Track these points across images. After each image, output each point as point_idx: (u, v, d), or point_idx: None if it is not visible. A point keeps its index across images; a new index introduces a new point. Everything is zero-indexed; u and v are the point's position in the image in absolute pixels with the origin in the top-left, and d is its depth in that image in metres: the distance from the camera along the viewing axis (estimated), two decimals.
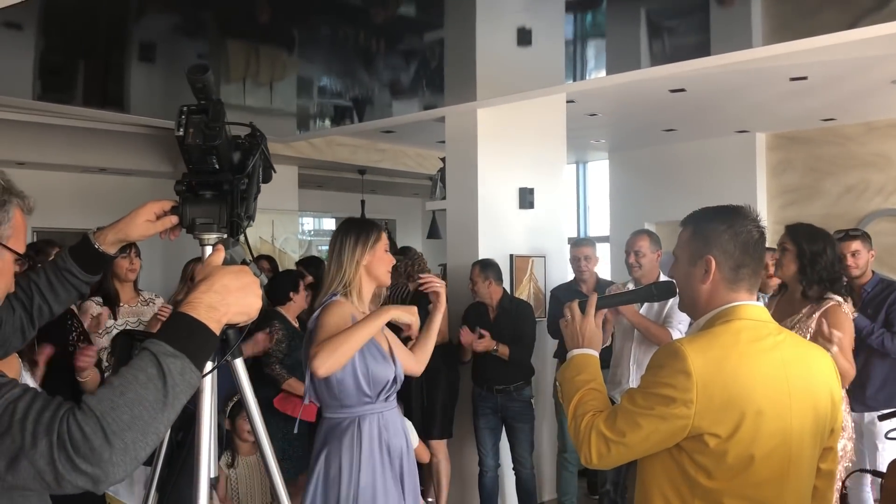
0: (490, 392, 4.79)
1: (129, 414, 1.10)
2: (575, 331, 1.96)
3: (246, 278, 1.34)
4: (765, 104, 6.43)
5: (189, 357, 1.18)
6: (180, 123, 1.59)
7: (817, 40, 4.06)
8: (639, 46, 4.55)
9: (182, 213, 1.66)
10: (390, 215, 11.86)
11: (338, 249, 2.72)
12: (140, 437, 1.11)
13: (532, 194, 5.55)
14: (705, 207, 1.88)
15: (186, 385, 1.17)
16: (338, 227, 2.83)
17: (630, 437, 1.68)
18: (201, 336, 1.22)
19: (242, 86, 5.43)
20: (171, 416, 1.15)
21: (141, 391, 1.12)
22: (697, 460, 1.67)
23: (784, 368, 1.71)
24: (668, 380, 1.66)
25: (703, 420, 1.63)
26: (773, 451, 1.67)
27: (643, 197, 8.50)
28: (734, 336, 1.72)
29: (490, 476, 4.88)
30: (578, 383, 1.86)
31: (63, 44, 4.46)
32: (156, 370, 1.14)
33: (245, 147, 1.68)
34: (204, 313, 1.24)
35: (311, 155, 7.72)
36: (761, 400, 1.65)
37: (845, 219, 6.88)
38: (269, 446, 1.78)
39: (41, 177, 7.91)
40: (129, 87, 5.28)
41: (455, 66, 4.84)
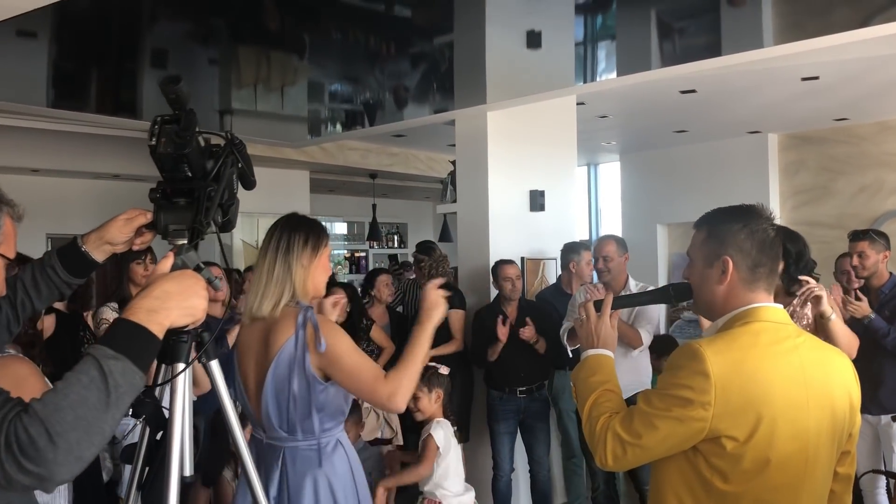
0: (513, 395, 4.75)
1: (73, 415, 1.14)
2: (590, 331, 1.94)
3: (188, 281, 1.40)
4: (777, 104, 6.40)
5: (130, 358, 1.22)
6: (153, 133, 1.63)
7: (829, 39, 4.04)
8: (649, 47, 4.54)
9: (157, 220, 1.70)
10: (402, 219, 11.88)
11: (283, 248, 2.38)
12: (84, 436, 1.15)
13: (543, 197, 5.54)
14: (719, 208, 1.86)
15: (129, 385, 1.21)
16: (282, 223, 2.47)
17: (646, 439, 1.66)
18: (141, 338, 1.27)
19: (254, 91, 5.46)
20: (116, 415, 1.19)
21: (84, 393, 1.17)
22: (713, 463, 1.65)
23: (803, 371, 1.69)
24: (686, 381, 1.64)
25: (720, 422, 1.61)
26: (791, 455, 1.65)
27: (655, 198, 8.48)
28: (753, 338, 1.70)
29: (504, 480, 4.83)
30: (593, 384, 1.84)
31: (76, 51, 4.50)
32: (97, 372, 1.19)
33: (217, 155, 1.72)
34: (144, 317, 1.30)
35: (322, 159, 7.76)
36: (779, 403, 1.64)
37: (859, 219, 6.84)
38: (248, 453, 1.79)
39: (55, 183, 7.99)
40: (142, 93, 5.32)
41: (465, 70, 4.84)
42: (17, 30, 3.82)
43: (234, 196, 1.75)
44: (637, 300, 2.32)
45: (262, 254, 2.42)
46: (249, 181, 1.80)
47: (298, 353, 2.23)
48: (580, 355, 1.98)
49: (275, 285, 2.34)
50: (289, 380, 2.24)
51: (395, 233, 11.80)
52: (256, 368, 2.35)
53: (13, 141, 6.55)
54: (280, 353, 2.25)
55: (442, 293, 2.35)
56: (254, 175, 1.82)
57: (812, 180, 7.63)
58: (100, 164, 7.60)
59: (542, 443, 4.81)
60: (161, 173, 1.69)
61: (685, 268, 1.91)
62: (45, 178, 7.84)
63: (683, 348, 1.73)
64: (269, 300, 2.33)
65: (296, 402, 2.24)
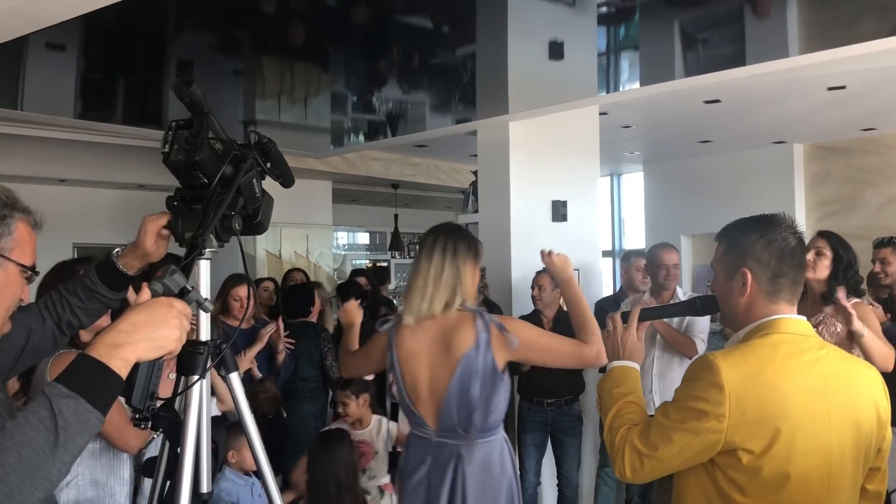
0: (540, 406, 4.72)
1: (16, 457, 1.09)
2: (616, 342, 1.94)
3: (157, 312, 1.32)
4: (802, 114, 6.34)
5: (85, 397, 1.16)
6: (166, 139, 1.59)
7: (855, 49, 4.00)
8: (673, 57, 4.52)
9: (174, 227, 1.66)
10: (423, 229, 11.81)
11: (451, 252, 2.54)
12: (27, 481, 1.09)
13: (565, 207, 5.52)
14: (739, 219, 1.84)
15: (81, 426, 1.15)
16: (443, 230, 2.64)
17: (663, 452, 1.66)
18: (99, 376, 1.20)
19: (277, 102, 5.49)
20: (65, 457, 1.13)
21: (31, 433, 1.11)
22: (731, 476, 1.63)
23: (824, 384, 1.66)
24: (700, 393, 1.63)
25: (735, 435, 1.60)
26: (811, 470, 1.62)
27: (679, 209, 8.42)
28: (772, 350, 1.67)
29: (530, 493, 4.79)
30: (616, 395, 1.84)
31: (103, 63, 4.56)
32: (47, 412, 1.13)
33: (237, 159, 1.66)
34: (104, 352, 1.23)
35: (344, 170, 7.79)
36: (798, 416, 1.61)
37: (887, 230, 6.70)
38: (269, 467, 1.75)
39: (82, 193, 8.09)
40: (167, 104, 5.37)
41: (487, 80, 4.84)
42: (46, 42, 3.88)
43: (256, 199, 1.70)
44: (664, 312, 2.30)
45: (425, 257, 2.56)
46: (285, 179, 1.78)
47: (484, 357, 2.40)
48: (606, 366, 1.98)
49: (444, 287, 2.50)
50: (473, 382, 2.40)
51: (416, 243, 11.81)
52: (431, 372, 2.49)
53: (41, 151, 6.65)
54: (465, 358, 2.42)
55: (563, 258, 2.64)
56: (289, 172, 1.79)
57: (838, 191, 7.53)
58: (126, 175, 7.69)
59: (571, 458, 4.76)
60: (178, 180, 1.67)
61: (712, 280, 1.89)
62: (72, 189, 7.94)
63: (699, 360, 1.72)
64: (439, 301, 2.48)
65: (478, 404, 2.41)
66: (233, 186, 1.65)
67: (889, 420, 1.77)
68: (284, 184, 1.80)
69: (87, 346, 1.25)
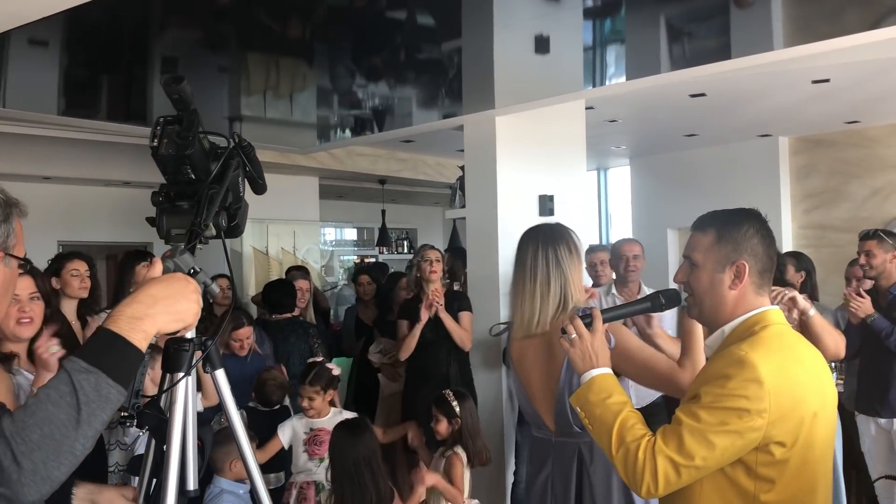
0: None
1: (39, 433, 1.09)
2: (586, 349, 1.83)
3: (176, 285, 1.33)
4: (787, 107, 6.37)
5: (105, 371, 1.15)
6: (155, 134, 1.58)
7: (840, 42, 4.02)
8: (658, 51, 4.53)
9: (159, 224, 1.65)
10: (411, 224, 11.88)
11: (554, 261, 2.48)
12: (52, 456, 1.09)
13: (552, 201, 5.53)
14: (719, 210, 1.82)
15: (103, 401, 1.14)
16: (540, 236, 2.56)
17: (704, 459, 1.57)
18: (119, 349, 1.20)
19: (263, 98, 5.47)
20: (88, 432, 1.13)
21: (52, 409, 1.11)
22: (760, 473, 1.60)
23: (818, 372, 1.70)
24: (739, 391, 1.57)
25: (773, 429, 1.57)
26: (820, 455, 1.65)
27: (665, 203, 8.45)
28: (781, 341, 1.68)
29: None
30: (613, 407, 1.73)
31: (87, 59, 4.53)
32: (68, 388, 1.13)
33: (224, 157, 1.66)
34: (125, 325, 1.22)
35: (331, 165, 7.77)
36: (815, 404, 1.63)
37: (871, 222, 6.77)
38: (256, 465, 1.74)
39: (66, 191, 8.03)
40: (153, 100, 5.34)
41: (473, 75, 4.84)
42: (28, 38, 3.84)
43: (240, 199, 1.70)
44: (627, 311, 2.19)
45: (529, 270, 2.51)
46: (259, 185, 1.76)
47: None
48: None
49: (553, 298, 2.45)
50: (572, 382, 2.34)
51: (404, 238, 11.80)
52: (542, 373, 2.48)
53: (25, 149, 6.59)
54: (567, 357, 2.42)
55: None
56: (263, 178, 1.78)
57: (823, 184, 7.58)
58: (111, 172, 7.63)
59: None
60: (164, 176, 1.65)
61: (682, 271, 1.83)
62: (56, 186, 7.88)
63: (725, 357, 1.66)
64: (548, 314, 2.43)
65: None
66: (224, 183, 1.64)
67: None
68: (259, 189, 1.78)
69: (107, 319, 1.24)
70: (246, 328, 4.36)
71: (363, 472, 3.29)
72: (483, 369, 5.21)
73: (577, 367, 1.85)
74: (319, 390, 3.86)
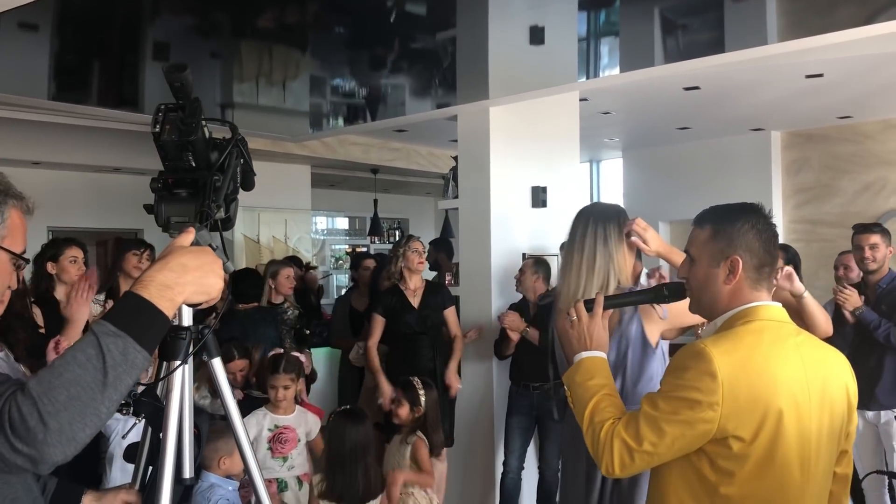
0: (527, 390, 4.75)
1: (66, 395, 1.10)
2: (582, 332, 1.89)
3: (206, 258, 1.33)
4: (780, 102, 6.38)
5: (133, 336, 1.16)
6: (157, 120, 1.58)
7: (833, 37, 4.02)
8: (653, 44, 4.52)
9: (157, 212, 1.64)
10: (403, 214, 11.87)
11: (602, 238, 2.57)
12: (77, 417, 1.10)
13: (545, 193, 5.53)
14: (719, 205, 1.83)
15: (129, 365, 1.15)
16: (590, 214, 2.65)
17: (655, 445, 1.63)
18: (147, 315, 1.21)
19: (255, 85, 5.44)
20: (113, 396, 1.14)
21: (79, 371, 1.12)
22: (719, 465, 1.63)
23: (804, 370, 1.68)
24: (693, 382, 1.61)
25: (728, 422, 1.59)
26: (794, 455, 1.64)
27: (657, 195, 8.46)
28: (757, 337, 1.68)
29: (512, 478, 4.82)
30: (592, 388, 1.79)
31: (78, 44, 4.49)
32: (95, 350, 1.13)
33: (222, 146, 1.67)
34: (155, 292, 1.23)
35: (323, 154, 7.74)
36: (783, 402, 1.62)
37: (862, 217, 6.79)
38: (253, 454, 1.74)
39: (56, 176, 7.97)
40: (144, 86, 5.30)
41: (467, 65, 4.83)
42: (18, 22, 3.81)
43: (237, 190, 1.70)
44: (630, 300, 2.25)
45: (577, 243, 2.60)
46: (250, 180, 1.76)
47: (635, 330, 2.49)
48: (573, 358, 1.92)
49: (599, 274, 2.54)
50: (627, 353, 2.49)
51: (396, 228, 11.78)
52: None
53: (14, 133, 6.53)
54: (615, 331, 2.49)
55: None
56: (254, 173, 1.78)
57: (815, 178, 7.60)
58: (101, 158, 7.59)
59: (552, 443, 4.78)
60: (164, 163, 1.64)
61: (682, 266, 1.87)
62: (46, 171, 7.83)
63: (688, 349, 1.69)
64: (591, 289, 2.50)
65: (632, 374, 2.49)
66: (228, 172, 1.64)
67: (856, 404, 1.80)
68: (249, 184, 1.77)
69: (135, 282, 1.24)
70: (237, 361, 4.22)
71: (357, 461, 3.31)
72: (474, 361, 5.22)
73: (572, 348, 1.91)
74: (294, 377, 3.83)
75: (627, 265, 2.59)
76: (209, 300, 1.35)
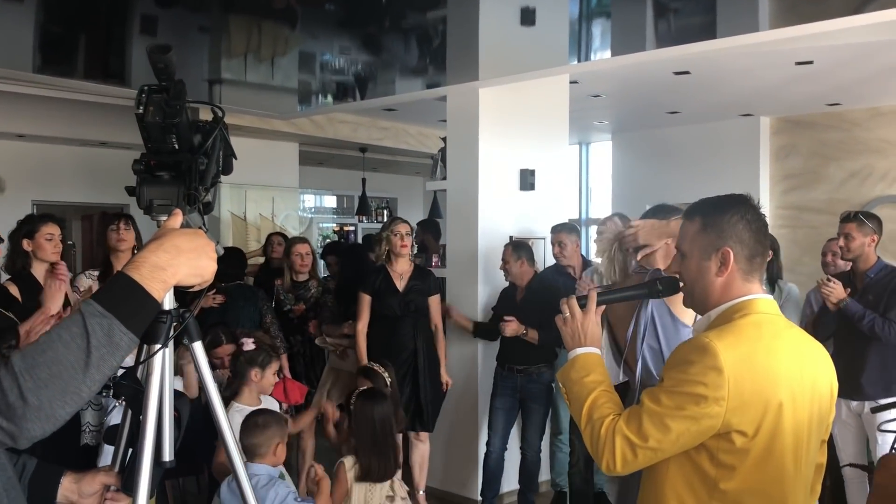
0: (511, 372, 4.77)
1: (48, 372, 1.10)
2: (576, 328, 1.87)
3: (200, 240, 1.33)
4: (770, 88, 6.39)
5: (119, 318, 1.16)
6: (140, 101, 1.55)
7: (824, 25, 4.02)
8: (644, 28, 4.51)
9: (139, 194, 1.62)
10: (392, 193, 11.84)
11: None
12: (58, 395, 1.11)
13: (533, 175, 5.52)
14: (708, 198, 1.83)
15: (114, 347, 1.15)
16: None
17: (659, 441, 1.61)
18: (136, 297, 1.20)
19: (244, 61, 5.39)
20: (96, 376, 1.14)
21: (62, 350, 1.12)
22: (721, 459, 1.62)
23: (799, 363, 1.69)
24: (698, 377, 1.59)
25: (732, 417, 1.58)
26: (788, 447, 1.65)
27: (646, 179, 8.47)
28: (757, 330, 1.68)
29: (495, 458, 4.85)
30: (589, 385, 1.77)
31: (63, 16, 4.43)
32: (80, 330, 1.13)
33: (206, 130, 1.65)
34: (147, 273, 1.22)
35: (311, 132, 7.69)
36: (783, 395, 1.63)
37: (848, 204, 6.84)
38: (233, 437, 1.74)
39: (41, 150, 7.90)
40: (131, 60, 5.24)
41: (457, 45, 4.80)
42: None
43: (218, 174, 1.68)
44: (623, 295, 2.24)
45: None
46: (230, 164, 1.75)
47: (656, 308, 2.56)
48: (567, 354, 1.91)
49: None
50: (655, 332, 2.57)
51: (384, 207, 11.76)
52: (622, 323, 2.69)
53: None
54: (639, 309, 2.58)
55: None
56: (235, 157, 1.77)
57: (802, 165, 7.63)
58: (87, 132, 7.51)
59: (535, 424, 4.82)
60: (146, 144, 1.62)
61: (673, 262, 1.87)
62: (31, 145, 7.75)
63: (690, 343, 1.68)
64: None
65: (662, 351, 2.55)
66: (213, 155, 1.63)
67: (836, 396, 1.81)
68: (229, 168, 1.76)
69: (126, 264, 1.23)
70: (225, 346, 4.16)
71: (388, 438, 3.40)
72: (459, 343, 5.23)
73: (566, 345, 1.90)
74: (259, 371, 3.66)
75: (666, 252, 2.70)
76: (203, 282, 1.34)
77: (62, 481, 1.66)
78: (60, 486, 1.66)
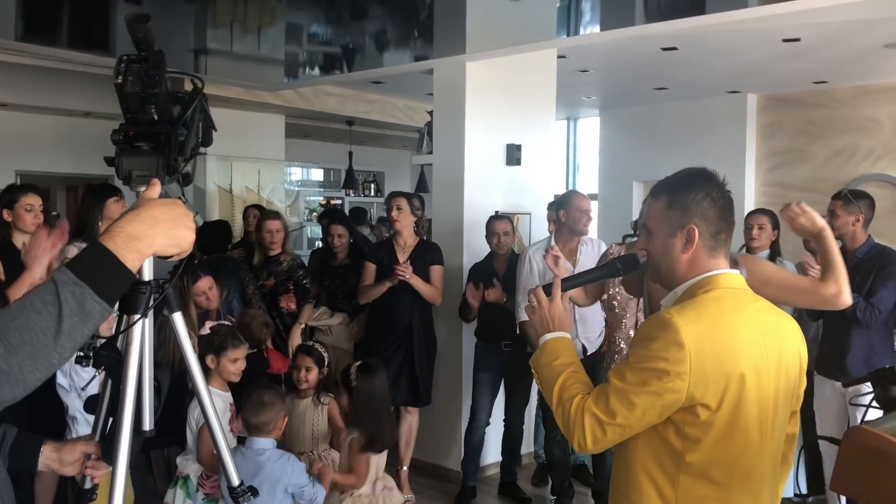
0: (497, 347, 4.79)
1: (18, 338, 1.11)
2: (544, 316, 1.92)
3: (177, 210, 1.32)
4: (757, 65, 6.39)
5: (92, 286, 1.16)
6: (119, 71, 1.55)
7: (812, 2, 4.03)
8: (633, 2, 4.50)
9: (118, 165, 1.61)
10: (378, 167, 11.80)
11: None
12: (28, 361, 1.11)
13: (519, 151, 5.52)
14: (673, 175, 1.85)
15: (86, 315, 1.15)
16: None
17: (626, 418, 1.64)
18: (109, 266, 1.19)
19: (230, 31, 5.34)
20: (66, 343, 1.14)
21: (34, 317, 1.12)
22: (686, 433, 1.65)
23: (763, 336, 1.72)
24: (660, 353, 1.62)
25: (696, 390, 1.61)
26: (754, 419, 1.68)
27: (633, 155, 8.49)
28: (719, 304, 1.70)
29: (479, 432, 4.89)
30: (558, 367, 1.81)
31: None
32: (52, 297, 1.13)
33: (185, 101, 1.65)
34: (122, 242, 1.22)
35: (298, 104, 7.64)
36: (745, 367, 1.65)
37: (832, 183, 6.90)
38: (213, 408, 1.76)
39: (24, 119, 7.81)
40: (116, 29, 5.18)
41: (445, 18, 4.77)
42: None
43: (198, 146, 1.68)
44: (585, 279, 2.28)
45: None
46: (209, 136, 1.74)
47: None
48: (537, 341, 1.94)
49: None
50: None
51: (371, 181, 11.73)
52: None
53: None
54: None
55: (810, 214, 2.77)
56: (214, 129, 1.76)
57: (788, 142, 7.66)
58: (71, 101, 7.43)
59: (519, 397, 4.87)
60: (125, 114, 1.62)
61: (640, 240, 1.88)
62: (13, 114, 7.66)
63: (653, 319, 1.71)
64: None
65: None
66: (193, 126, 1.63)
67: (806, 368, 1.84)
68: (208, 140, 1.75)
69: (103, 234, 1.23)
70: (204, 279, 4.16)
71: (386, 408, 3.55)
72: (445, 319, 5.25)
73: (537, 332, 1.94)
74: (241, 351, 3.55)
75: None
76: (181, 252, 1.34)
77: (43, 450, 1.67)
78: (41, 455, 1.67)
